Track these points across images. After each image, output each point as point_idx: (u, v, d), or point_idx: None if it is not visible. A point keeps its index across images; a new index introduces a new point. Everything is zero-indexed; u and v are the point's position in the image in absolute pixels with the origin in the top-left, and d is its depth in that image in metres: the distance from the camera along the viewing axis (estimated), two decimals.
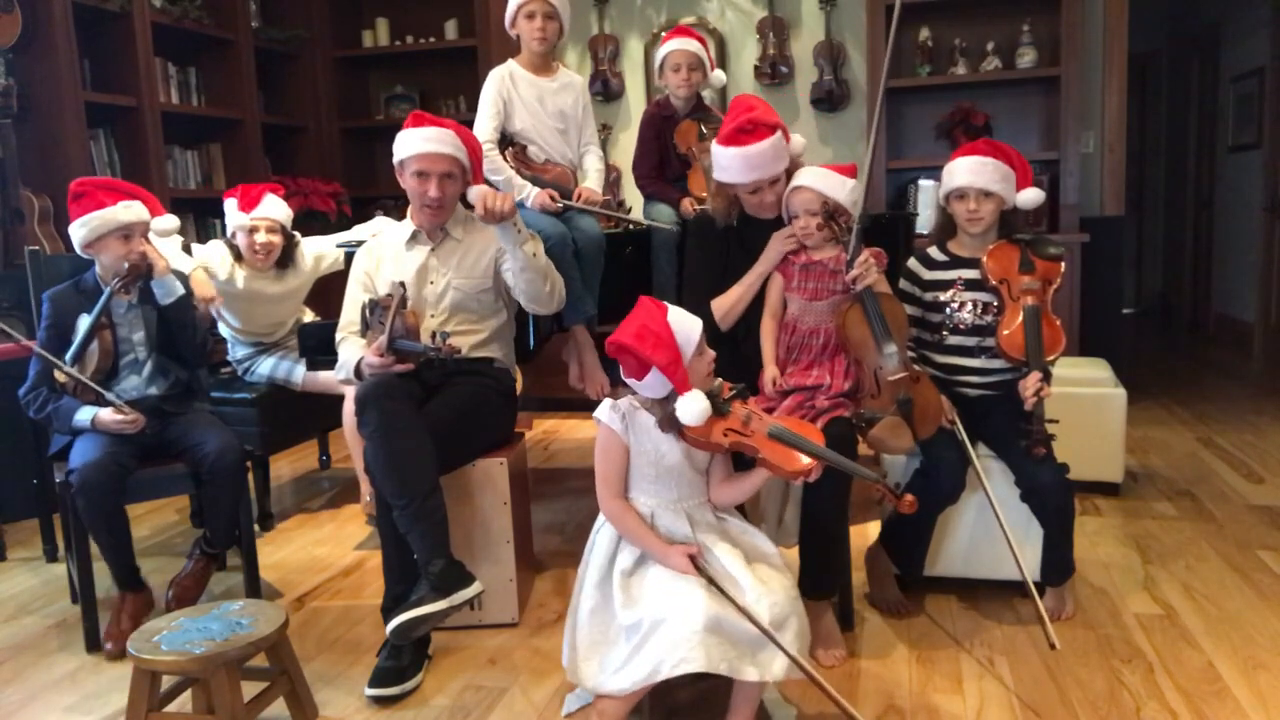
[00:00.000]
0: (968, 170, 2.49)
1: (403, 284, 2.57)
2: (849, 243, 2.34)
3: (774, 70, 5.13)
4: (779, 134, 2.38)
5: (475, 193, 2.50)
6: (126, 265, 2.63)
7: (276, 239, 3.34)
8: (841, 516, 2.39)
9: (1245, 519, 3.19)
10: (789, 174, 2.45)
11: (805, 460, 1.92)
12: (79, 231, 2.63)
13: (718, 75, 3.25)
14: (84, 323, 2.60)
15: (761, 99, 2.49)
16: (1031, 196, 2.51)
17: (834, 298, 2.39)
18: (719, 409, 1.96)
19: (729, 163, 2.39)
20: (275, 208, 3.35)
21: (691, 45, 3.13)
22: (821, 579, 2.38)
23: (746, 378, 2.31)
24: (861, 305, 2.34)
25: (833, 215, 2.35)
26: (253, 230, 3.29)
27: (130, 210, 2.65)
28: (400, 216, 2.96)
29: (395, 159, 2.63)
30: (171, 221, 2.80)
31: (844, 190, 2.36)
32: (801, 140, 2.55)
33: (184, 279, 2.91)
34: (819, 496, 2.33)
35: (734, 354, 2.48)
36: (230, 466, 2.63)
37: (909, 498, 1.92)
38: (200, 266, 3.24)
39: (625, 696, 1.92)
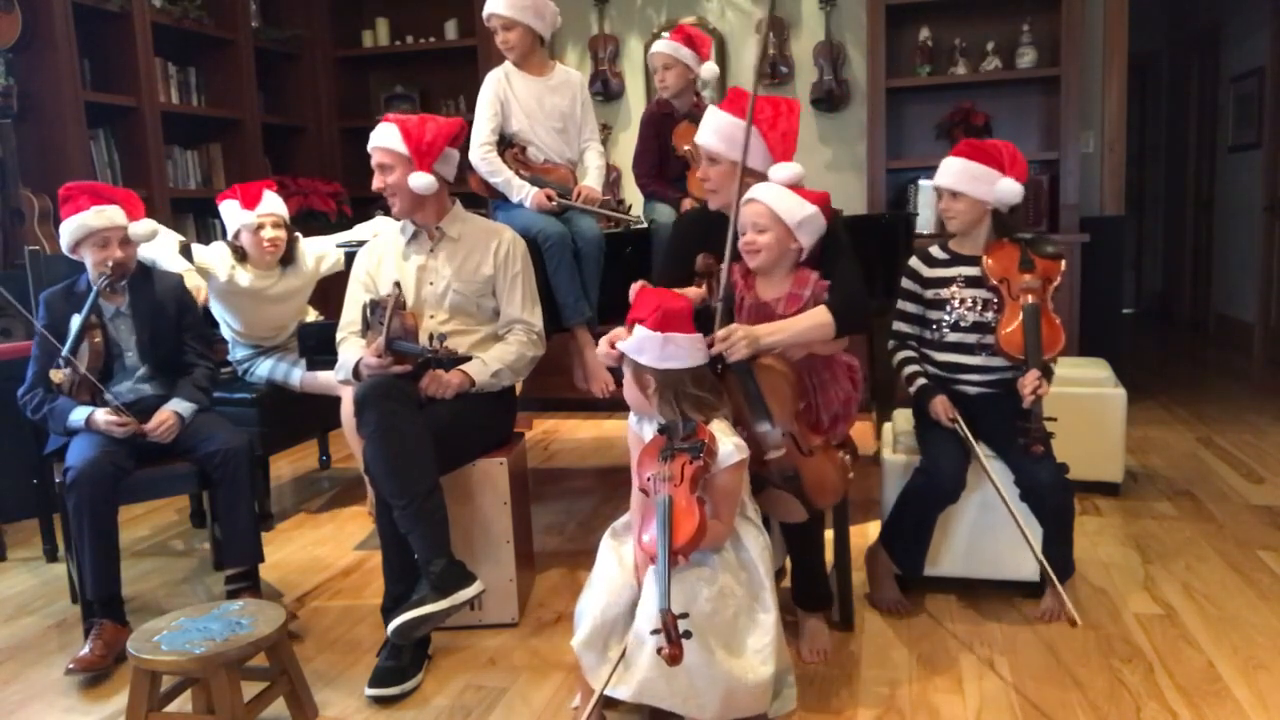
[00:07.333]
0: (940, 170, 2.56)
1: (398, 285, 2.57)
2: (716, 307, 2.12)
3: (774, 70, 5.13)
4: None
5: (423, 383, 2.48)
6: (111, 264, 2.63)
7: (282, 233, 3.35)
8: (816, 539, 2.41)
9: (1245, 519, 3.19)
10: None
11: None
12: (61, 236, 2.66)
13: (707, 68, 3.21)
14: (75, 324, 2.60)
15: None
16: (1006, 188, 2.48)
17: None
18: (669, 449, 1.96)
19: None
20: (277, 203, 3.37)
21: (664, 45, 3.13)
22: (813, 595, 2.42)
23: None
24: (736, 379, 2.11)
25: (710, 273, 2.18)
26: (259, 227, 3.29)
27: (102, 215, 2.63)
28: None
29: None
30: (147, 226, 2.77)
31: (799, 213, 2.16)
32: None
33: (177, 280, 2.92)
34: (792, 527, 2.34)
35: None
36: (240, 464, 2.62)
37: None
38: (193, 269, 3.24)
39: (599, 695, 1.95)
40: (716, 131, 2.31)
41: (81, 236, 2.63)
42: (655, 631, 1.75)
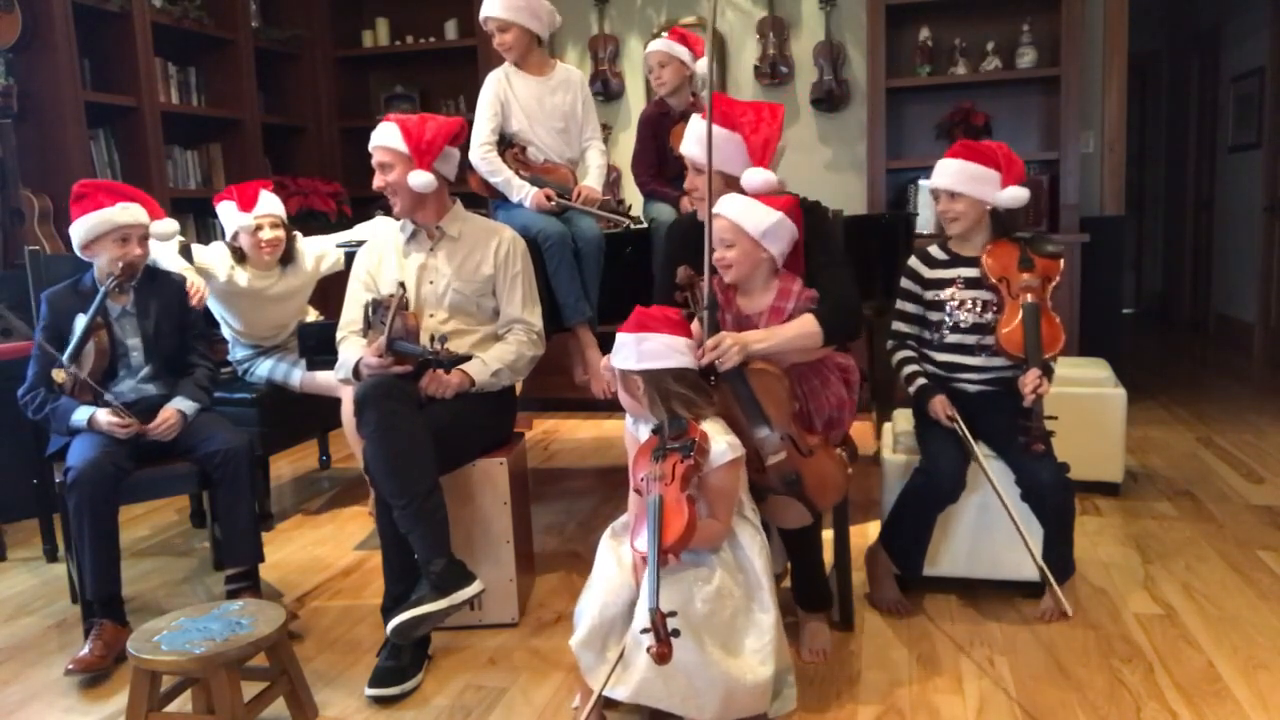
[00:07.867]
0: (937, 171, 2.56)
1: (403, 285, 2.58)
2: (703, 317, 2.10)
3: (774, 70, 5.13)
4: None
5: (423, 383, 2.48)
6: (121, 265, 2.63)
7: (281, 233, 3.35)
8: (815, 540, 2.39)
9: (1245, 519, 3.19)
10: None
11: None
12: (77, 231, 2.64)
13: (703, 64, 3.19)
14: (80, 323, 2.60)
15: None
16: (1012, 195, 2.49)
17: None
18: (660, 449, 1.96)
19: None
20: (274, 203, 3.36)
21: (659, 44, 3.14)
22: (813, 595, 2.42)
23: None
24: (730, 387, 2.10)
25: (692, 285, 2.15)
26: (257, 229, 3.29)
27: (128, 212, 2.65)
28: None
29: None
30: (170, 225, 2.80)
31: (763, 224, 2.12)
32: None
33: (180, 280, 2.92)
34: (790, 529, 2.33)
35: None
36: (240, 464, 2.62)
37: None
38: (192, 269, 3.24)
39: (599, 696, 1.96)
40: (699, 141, 2.27)
41: (103, 231, 2.63)
42: (645, 630, 1.75)
